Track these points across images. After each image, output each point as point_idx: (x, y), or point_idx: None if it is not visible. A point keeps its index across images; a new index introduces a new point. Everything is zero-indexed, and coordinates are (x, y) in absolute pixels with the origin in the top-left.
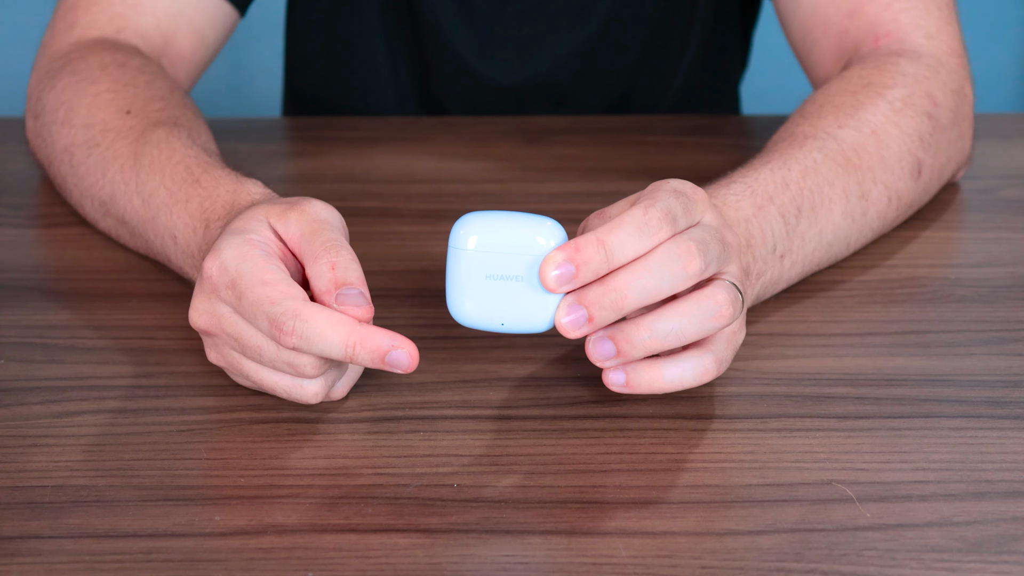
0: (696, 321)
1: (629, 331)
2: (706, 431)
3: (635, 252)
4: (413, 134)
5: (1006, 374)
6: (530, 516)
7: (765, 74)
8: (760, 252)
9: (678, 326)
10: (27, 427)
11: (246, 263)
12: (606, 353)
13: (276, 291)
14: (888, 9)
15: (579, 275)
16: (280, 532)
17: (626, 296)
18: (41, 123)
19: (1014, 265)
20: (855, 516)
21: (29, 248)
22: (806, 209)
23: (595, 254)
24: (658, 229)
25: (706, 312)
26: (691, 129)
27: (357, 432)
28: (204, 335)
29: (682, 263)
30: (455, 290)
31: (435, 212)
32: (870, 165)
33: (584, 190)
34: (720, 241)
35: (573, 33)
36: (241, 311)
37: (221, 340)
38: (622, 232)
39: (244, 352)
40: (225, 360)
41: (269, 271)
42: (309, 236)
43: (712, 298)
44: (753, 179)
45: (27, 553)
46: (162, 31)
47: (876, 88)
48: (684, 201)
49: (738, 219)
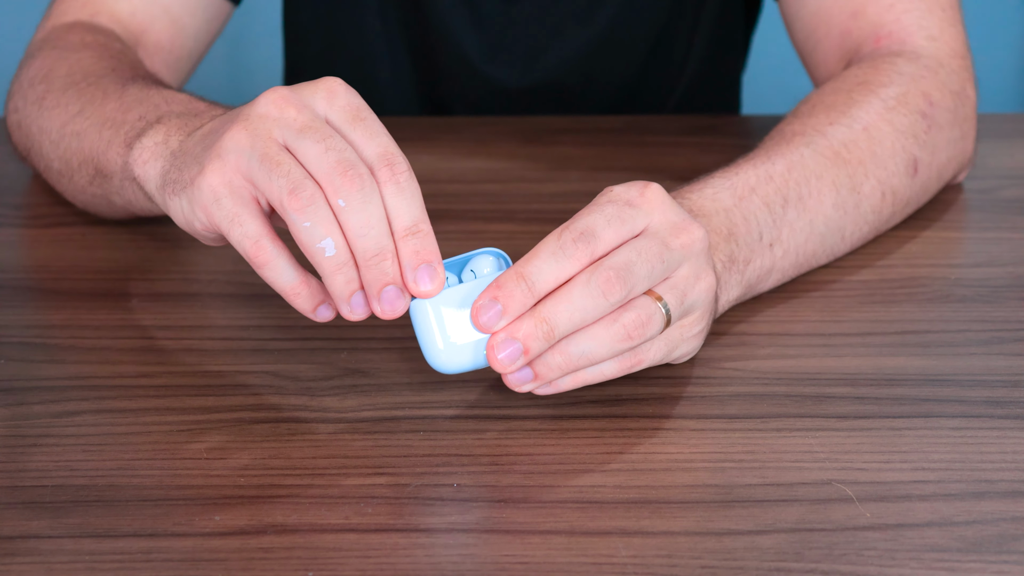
0: (606, 343)
1: (546, 355)
2: (706, 431)
3: (555, 278)
4: (413, 134)
5: (1006, 374)
6: (530, 516)
7: (765, 74)
8: (745, 239)
9: (588, 348)
10: (27, 427)
11: (364, 104)
12: (524, 378)
13: (393, 141)
14: (890, 10)
15: (507, 311)
16: (280, 532)
17: (555, 326)
18: (17, 105)
19: (1014, 265)
20: (855, 516)
21: (29, 248)
22: (793, 199)
23: (516, 288)
24: (573, 251)
25: (614, 335)
26: (691, 129)
27: (357, 432)
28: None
29: (601, 291)
30: (426, 340)
31: (435, 212)
32: (860, 160)
33: (584, 190)
34: (659, 252)
35: (580, 35)
36: (351, 128)
37: (265, 140)
38: (538, 261)
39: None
40: (224, 179)
41: (386, 130)
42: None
43: (619, 321)
44: (734, 174)
45: (27, 553)
46: (138, 19)
47: (870, 86)
48: (620, 211)
49: (717, 209)
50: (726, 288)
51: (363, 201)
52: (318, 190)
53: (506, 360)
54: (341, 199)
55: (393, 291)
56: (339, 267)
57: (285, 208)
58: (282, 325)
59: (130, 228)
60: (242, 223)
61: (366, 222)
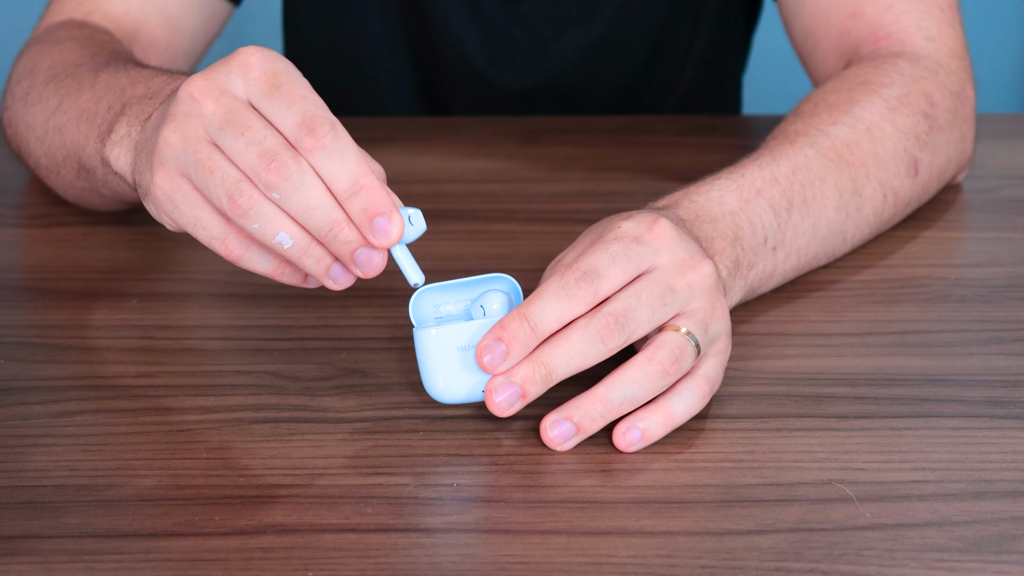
0: (646, 385)
1: (584, 406)
2: (706, 431)
3: (558, 319)
4: (413, 134)
5: (1006, 374)
6: (530, 516)
7: (766, 74)
8: (750, 243)
9: (630, 392)
10: (27, 427)
11: (292, 67)
12: (566, 434)
13: (316, 99)
14: (889, 10)
15: (511, 352)
16: (280, 532)
17: (553, 371)
18: (7, 103)
19: (1014, 265)
20: (855, 516)
21: (29, 248)
22: (797, 202)
23: (520, 329)
24: (577, 291)
25: (652, 374)
26: (691, 129)
27: (357, 432)
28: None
29: (600, 338)
30: (427, 371)
31: (435, 212)
32: (863, 161)
33: (584, 190)
34: (661, 294)
35: (581, 36)
36: (268, 101)
37: (192, 139)
38: (541, 302)
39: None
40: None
41: (309, 88)
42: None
43: (656, 360)
44: (739, 175)
45: (27, 553)
46: (132, 16)
47: (872, 86)
48: (626, 249)
49: (723, 213)
50: (730, 293)
51: (293, 187)
52: (255, 190)
53: (504, 404)
54: (274, 192)
55: (364, 253)
56: (303, 252)
57: (230, 216)
58: (282, 325)
59: (130, 228)
60: (204, 226)
61: (305, 205)
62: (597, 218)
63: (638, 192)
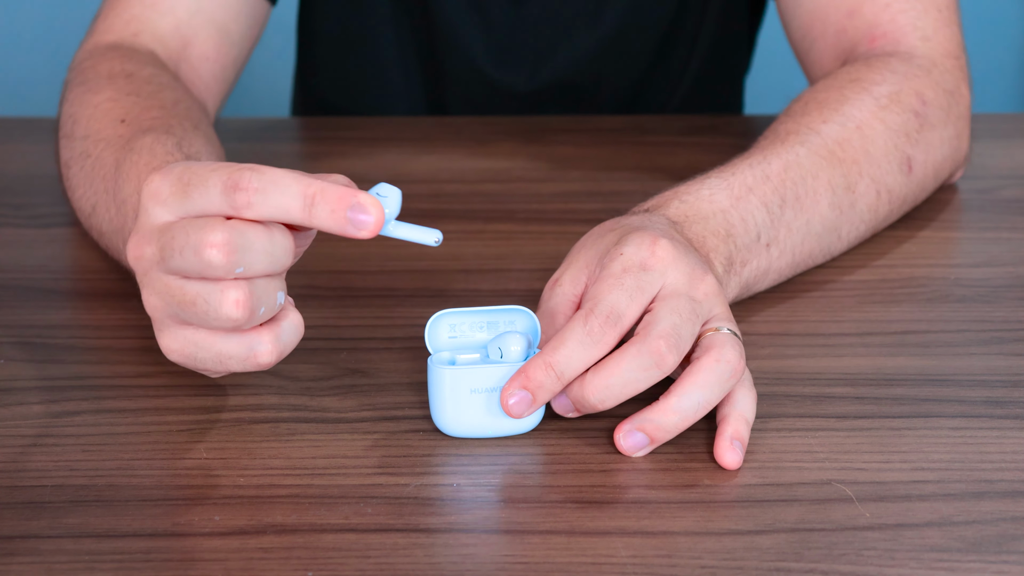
0: (718, 388)
1: (657, 419)
2: (706, 431)
3: (584, 364)
4: (413, 134)
5: (1006, 374)
6: (530, 516)
7: (768, 74)
8: (743, 240)
9: (702, 398)
10: (27, 427)
11: (190, 162)
12: (639, 444)
13: (225, 164)
14: (886, 10)
15: (536, 400)
16: (280, 532)
17: (603, 401)
18: (58, 138)
19: (1013, 265)
20: (854, 516)
21: (29, 248)
22: (790, 199)
23: (545, 378)
24: (603, 337)
25: (723, 375)
26: (691, 129)
27: (357, 432)
28: (153, 308)
29: (654, 362)
30: (438, 406)
31: (435, 212)
32: (855, 159)
33: (584, 190)
34: (692, 308)
35: (587, 37)
36: (190, 201)
37: (162, 289)
38: (566, 350)
39: (184, 301)
40: (178, 340)
41: (213, 162)
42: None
43: (723, 359)
44: (730, 173)
45: (27, 553)
46: (181, 32)
47: (863, 84)
48: (638, 281)
49: (713, 211)
50: (725, 290)
51: (245, 253)
52: (235, 285)
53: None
54: (237, 268)
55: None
56: (290, 308)
57: (241, 322)
58: None
59: None
60: (230, 355)
61: (269, 257)
62: (597, 218)
63: (638, 192)
